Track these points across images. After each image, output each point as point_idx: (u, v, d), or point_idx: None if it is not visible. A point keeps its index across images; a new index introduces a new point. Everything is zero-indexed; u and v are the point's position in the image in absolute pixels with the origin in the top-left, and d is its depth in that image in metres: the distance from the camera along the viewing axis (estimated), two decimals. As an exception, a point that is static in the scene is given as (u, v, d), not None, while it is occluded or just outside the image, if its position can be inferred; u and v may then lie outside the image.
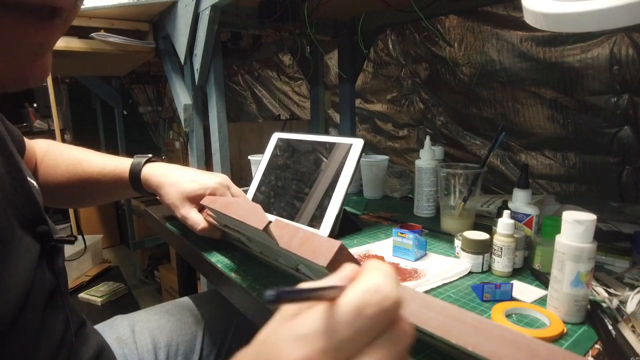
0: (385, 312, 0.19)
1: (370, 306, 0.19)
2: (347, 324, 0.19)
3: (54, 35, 0.30)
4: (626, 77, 0.94)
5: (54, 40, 0.31)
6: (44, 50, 0.31)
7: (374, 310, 0.19)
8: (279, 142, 0.88)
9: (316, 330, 0.19)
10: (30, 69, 0.31)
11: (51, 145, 0.72)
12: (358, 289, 0.20)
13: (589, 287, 0.46)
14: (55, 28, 0.29)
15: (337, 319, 0.19)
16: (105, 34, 1.11)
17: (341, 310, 0.19)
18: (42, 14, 0.28)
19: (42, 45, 0.30)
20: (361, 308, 0.19)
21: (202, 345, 0.72)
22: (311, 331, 0.19)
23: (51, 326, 0.43)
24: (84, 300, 2.11)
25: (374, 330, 0.19)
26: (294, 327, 0.20)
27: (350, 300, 0.19)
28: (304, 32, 1.14)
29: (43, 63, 0.31)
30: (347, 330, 0.19)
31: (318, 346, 0.18)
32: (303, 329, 0.19)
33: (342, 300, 0.19)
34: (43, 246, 0.43)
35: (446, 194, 0.77)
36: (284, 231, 0.48)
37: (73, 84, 2.64)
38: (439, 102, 1.43)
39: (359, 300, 0.19)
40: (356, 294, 0.19)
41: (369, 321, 0.19)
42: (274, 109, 2.39)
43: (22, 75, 0.31)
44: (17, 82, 0.31)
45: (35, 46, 0.30)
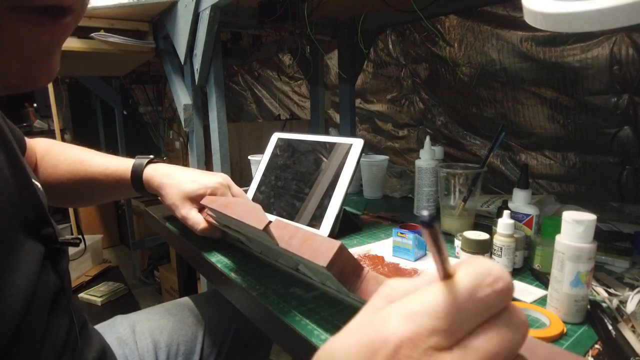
0: (498, 294, 0.19)
1: (483, 287, 0.18)
2: (460, 305, 0.18)
3: (64, 32, 0.30)
4: (626, 77, 0.94)
5: (64, 37, 0.31)
6: (54, 49, 0.31)
7: (487, 292, 0.18)
8: (279, 142, 0.88)
9: (428, 309, 0.18)
10: (41, 68, 0.31)
11: (52, 144, 0.72)
12: (470, 270, 0.19)
13: (589, 287, 0.46)
14: (65, 26, 0.29)
15: (450, 299, 0.18)
16: (105, 34, 1.11)
17: (454, 290, 0.18)
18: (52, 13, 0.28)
19: (52, 43, 0.30)
20: (475, 288, 0.18)
21: (202, 346, 0.72)
22: (422, 309, 0.18)
23: (56, 327, 0.43)
24: (84, 300, 2.11)
25: (486, 313, 0.19)
26: (404, 303, 0.19)
27: (462, 280, 0.19)
28: (304, 32, 1.14)
29: (53, 62, 0.31)
30: (460, 311, 0.18)
31: (429, 324, 0.18)
32: (413, 307, 0.19)
33: (454, 280, 0.19)
34: (47, 248, 0.43)
35: (446, 194, 0.77)
36: (284, 231, 0.48)
37: (73, 84, 2.64)
38: (439, 102, 1.43)
39: (472, 281, 0.18)
40: (469, 276, 0.19)
41: (482, 303, 0.18)
42: (274, 109, 2.39)
43: (34, 75, 0.31)
44: (29, 82, 0.31)
45: (46, 45, 0.29)
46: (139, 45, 1.19)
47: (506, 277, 0.19)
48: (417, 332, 0.18)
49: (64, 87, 2.57)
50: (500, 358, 0.18)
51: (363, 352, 0.18)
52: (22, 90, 0.31)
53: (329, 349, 0.20)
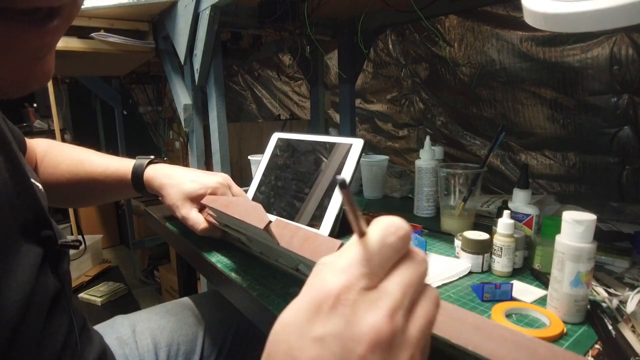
0: (402, 239, 0.24)
1: (389, 235, 0.24)
2: (375, 251, 0.23)
3: (54, 36, 0.29)
4: (626, 77, 0.94)
5: (55, 41, 0.30)
6: (45, 53, 0.30)
7: (392, 239, 0.24)
8: (279, 142, 0.88)
9: (353, 261, 0.23)
10: (32, 73, 0.30)
11: (52, 144, 0.72)
12: (378, 225, 0.24)
13: (589, 287, 0.46)
14: (55, 29, 0.28)
15: (367, 250, 0.23)
16: (105, 34, 1.11)
17: (369, 243, 0.24)
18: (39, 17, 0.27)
19: (42, 48, 0.29)
20: (383, 238, 0.24)
21: (202, 346, 0.72)
22: (349, 263, 0.23)
23: (55, 329, 0.43)
24: (84, 300, 2.11)
25: (396, 255, 0.24)
26: (334, 263, 0.24)
27: (373, 234, 0.24)
28: (304, 32, 1.14)
29: (45, 66, 0.31)
30: (377, 256, 0.23)
31: (357, 271, 0.23)
32: (342, 263, 0.23)
33: (368, 235, 0.24)
34: (47, 250, 0.43)
35: (446, 194, 0.77)
36: (285, 230, 0.48)
37: (73, 84, 2.65)
38: (439, 102, 1.43)
39: (380, 233, 0.24)
40: (377, 230, 0.24)
41: (391, 247, 0.24)
42: (274, 109, 2.39)
43: (24, 81, 0.30)
44: (19, 88, 0.30)
45: (35, 50, 0.29)
46: (139, 45, 1.19)
47: (405, 225, 0.25)
48: (349, 279, 0.23)
49: (64, 87, 2.57)
50: (412, 285, 0.24)
51: (311, 308, 0.22)
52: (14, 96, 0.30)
53: (281, 318, 0.24)
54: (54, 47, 0.31)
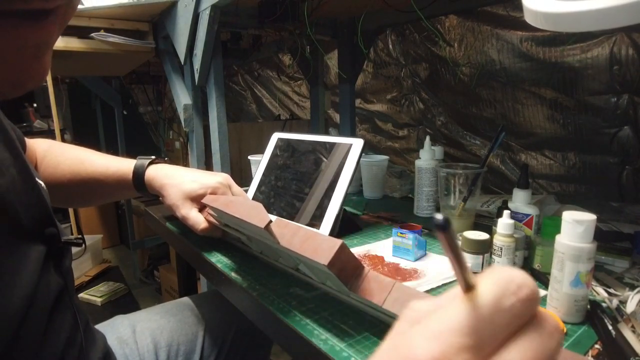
0: (524, 302, 0.18)
1: (508, 296, 0.18)
2: (485, 317, 0.17)
3: (51, 35, 0.29)
4: (626, 77, 0.94)
5: (51, 39, 0.30)
6: (42, 52, 0.29)
7: (512, 301, 0.17)
8: (279, 142, 0.88)
9: (453, 326, 0.17)
10: (28, 73, 0.30)
11: (52, 145, 0.72)
12: (492, 280, 0.18)
13: (588, 287, 0.46)
14: (51, 27, 0.28)
15: (474, 313, 0.17)
16: (105, 34, 1.11)
17: (477, 303, 0.17)
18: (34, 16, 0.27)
19: (39, 47, 0.29)
20: (499, 299, 0.17)
21: (202, 346, 0.72)
22: (448, 327, 0.17)
23: (58, 326, 0.43)
24: (84, 300, 2.11)
25: (515, 323, 0.18)
26: (428, 324, 0.18)
27: (485, 291, 0.18)
28: (304, 32, 1.14)
29: (41, 65, 0.30)
30: (486, 325, 0.17)
31: (456, 342, 0.17)
32: (439, 326, 0.18)
33: (477, 292, 0.18)
34: (50, 248, 0.43)
35: (446, 194, 0.77)
36: (285, 230, 0.48)
37: (73, 84, 2.64)
38: (439, 102, 1.43)
39: (495, 291, 0.18)
40: (492, 285, 0.18)
41: (509, 313, 0.17)
42: (274, 109, 2.39)
43: (20, 81, 0.30)
44: (15, 88, 0.30)
45: (31, 48, 0.28)
46: (139, 45, 1.19)
47: (530, 283, 0.18)
48: (445, 351, 0.17)
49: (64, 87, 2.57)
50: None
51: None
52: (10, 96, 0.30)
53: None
54: (50, 47, 0.30)
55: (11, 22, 0.26)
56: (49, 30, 0.28)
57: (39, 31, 0.28)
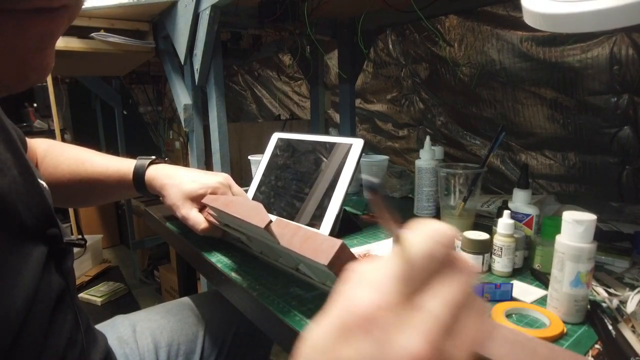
0: (447, 248, 0.20)
1: (434, 245, 0.20)
2: (417, 265, 0.20)
3: (57, 27, 0.29)
4: (626, 77, 0.94)
5: (56, 31, 0.29)
6: (44, 44, 0.29)
7: (437, 249, 0.20)
8: (279, 142, 0.88)
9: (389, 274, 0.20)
10: (32, 65, 0.29)
11: (52, 144, 0.72)
12: (419, 232, 0.21)
13: (589, 287, 0.46)
14: (58, 18, 0.28)
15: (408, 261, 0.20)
16: (105, 34, 1.11)
17: (410, 253, 0.20)
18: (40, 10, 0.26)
19: (43, 38, 0.29)
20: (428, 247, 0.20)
21: (203, 346, 0.72)
22: (385, 275, 0.20)
23: (60, 326, 0.43)
24: (84, 300, 2.11)
25: (439, 267, 0.20)
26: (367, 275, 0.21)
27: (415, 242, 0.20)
28: (304, 32, 1.14)
29: (45, 59, 0.30)
30: (418, 270, 0.20)
31: (393, 288, 0.19)
32: (377, 275, 0.20)
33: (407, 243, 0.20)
34: (52, 248, 0.43)
35: (446, 194, 0.77)
36: (285, 230, 0.48)
37: (73, 84, 2.64)
38: (439, 102, 1.43)
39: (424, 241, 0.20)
40: (419, 236, 0.20)
41: (435, 260, 0.20)
42: (274, 109, 2.39)
43: (24, 73, 0.29)
44: (19, 81, 0.30)
45: (36, 39, 0.28)
46: (139, 45, 1.19)
47: (450, 232, 0.21)
48: (384, 296, 0.19)
49: (64, 87, 2.57)
50: (458, 301, 0.20)
51: (339, 329, 0.20)
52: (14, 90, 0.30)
53: (308, 338, 0.21)
54: (54, 39, 0.30)
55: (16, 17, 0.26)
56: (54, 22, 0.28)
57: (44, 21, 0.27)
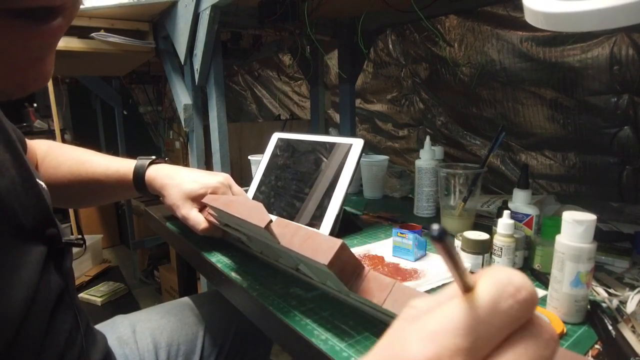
0: (522, 304, 0.17)
1: (505, 298, 0.17)
2: (482, 319, 0.17)
3: (55, 36, 0.29)
4: (626, 77, 0.94)
5: (55, 41, 0.30)
6: (44, 54, 0.29)
7: (509, 303, 0.17)
8: (279, 142, 0.88)
9: (449, 327, 0.17)
10: (32, 74, 0.30)
11: (52, 145, 0.72)
12: (490, 281, 0.18)
13: (589, 287, 0.46)
14: (56, 28, 0.28)
15: (471, 314, 0.17)
16: (105, 34, 1.11)
17: (474, 304, 0.17)
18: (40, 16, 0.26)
19: (42, 48, 0.29)
20: (496, 300, 0.17)
21: (202, 346, 0.72)
22: (443, 328, 0.17)
23: (60, 326, 0.43)
24: (84, 300, 2.11)
25: (511, 326, 0.17)
26: (424, 323, 0.18)
27: (483, 292, 0.17)
28: (304, 32, 1.14)
29: (45, 67, 0.30)
30: (483, 326, 0.17)
31: (451, 343, 0.17)
32: (434, 326, 0.18)
33: (474, 293, 0.18)
34: (51, 249, 0.43)
35: (446, 194, 0.77)
36: (285, 230, 0.48)
37: (73, 84, 2.64)
38: (439, 102, 1.43)
39: (493, 293, 0.17)
40: (489, 287, 0.18)
41: (506, 315, 0.17)
42: (274, 109, 2.39)
43: (24, 82, 0.30)
44: (19, 89, 0.30)
45: (36, 50, 0.28)
46: (139, 45, 1.19)
47: (528, 285, 0.18)
48: (439, 353, 0.17)
49: (64, 87, 2.57)
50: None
51: None
52: (13, 97, 0.30)
53: None
54: (54, 48, 0.30)
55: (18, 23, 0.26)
56: (53, 32, 0.28)
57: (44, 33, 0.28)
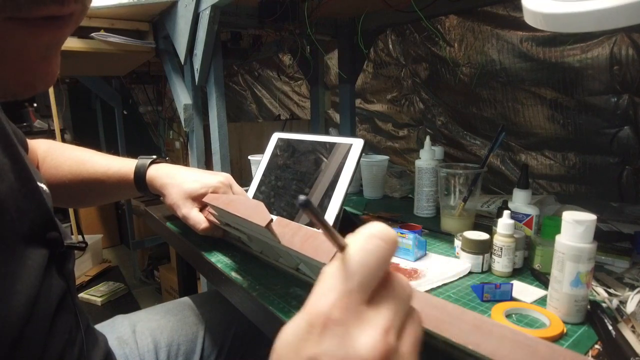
0: (385, 241, 0.23)
1: (370, 240, 0.23)
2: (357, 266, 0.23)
3: (62, 35, 0.29)
4: (626, 77, 0.94)
5: (63, 39, 0.30)
6: (52, 53, 0.29)
7: (375, 242, 0.23)
8: (279, 142, 0.88)
9: (336, 277, 0.23)
10: (39, 73, 0.30)
11: (52, 145, 0.72)
12: (357, 235, 0.24)
13: (589, 287, 0.46)
14: (64, 28, 0.28)
15: (349, 264, 0.23)
16: (105, 34, 1.11)
17: (350, 256, 0.23)
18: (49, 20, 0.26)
19: (49, 47, 0.29)
20: (364, 245, 0.23)
21: (203, 346, 0.72)
22: (334, 279, 0.23)
23: (61, 327, 0.43)
24: (84, 300, 2.11)
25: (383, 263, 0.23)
26: (318, 287, 0.23)
27: (352, 244, 0.23)
28: (304, 32, 1.14)
29: (51, 67, 0.30)
30: (360, 270, 0.23)
31: (343, 289, 0.22)
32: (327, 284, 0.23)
33: (348, 247, 0.23)
34: (53, 252, 0.43)
35: (446, 194, 0.77)
36: (286, 229, 0.48)
37: (73, 84, 2.64)
38: (439, 102, 1.43)
39: (360, 240, 0.23)
40: (357, 238, 0.24)
41: (375, 254, 0.23)
42: (274, 109, 2.39)
43: (31, 81, 0.30)
44: (26, 89, 0.30)
45: (44, 48, 0.28)
46: (139, 45, 1.19)
47: (386, 227, 0.24)
48: (337, 297, 0.22)
49: (64, 87, 2.57)
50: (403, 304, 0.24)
51: (305, 326, 0.22)
52: (20, 97, 0.30)
53: (281, 333, 0.23)
54: (60, 47, 0.30)
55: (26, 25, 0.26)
56: (61, 31, 0.28)
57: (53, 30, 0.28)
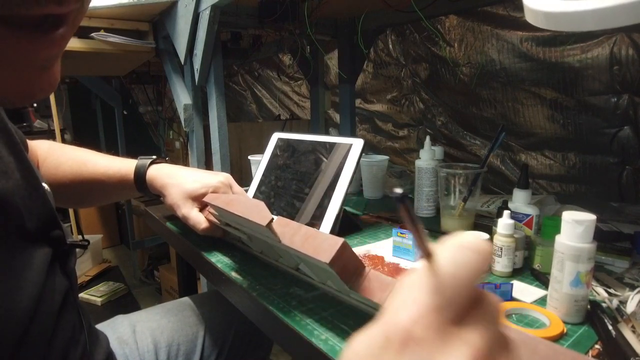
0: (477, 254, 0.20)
1: (463, 252, 0.20)
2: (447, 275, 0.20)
3: (61, 45, 0.29)
4: (626, 77, 0.94)
5: (62, 49, 0.30)
6: (51, 64, 0.29)
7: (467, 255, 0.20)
8: (279, 142, 0.88)
9: (421, 289, 0.20)
10: (38, 84, 0.30)
11: (52, 146, 0.72)
12: (446, 245, 0.20)
13: (589, 287, 0.46)
14: (62, 38, 0.28)
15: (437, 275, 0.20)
16: (105, 34, 1.11)
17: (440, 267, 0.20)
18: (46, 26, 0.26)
19: (49, 58, 0.29)
20: (455, 256, 0.20)
21: (203, 346, 0.72)
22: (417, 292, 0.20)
23: (65, 325, 0.44)
24: (84, 300, 2.11)
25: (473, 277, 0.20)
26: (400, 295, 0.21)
27: (442, 254, 0.20)
28: (304, 32, 1.14)
29: (51, 77, 0.30)
30: (450, 280, 0.19)
31: (427, 302, 0.19)
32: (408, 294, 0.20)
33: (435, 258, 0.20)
34: (56, 250, 0.43)
35: (446, 194, 0.77)
36: (286, 228, 0.48)
37: (73, 84, 2.64)
38: (439, 102, 1.43)
39: (450, 251, 0.20)
40: (446, 248, 0.20)
41: (466, 267, 0.20)
42: (274, 109, 2.39)
43: (30, 92, 0.30)
44: (25, 98, 0.30)
45: (42, 60, 0.28)
46: (139, 45, 1.19)
47: (480, 239, 0.20)
48: (420, 311, 0.19)
49: (64, 87, 2.57)
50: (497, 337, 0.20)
51: (381, 340, 0.20)
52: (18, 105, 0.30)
53: (353, 344, 0.21)
54: (59, 57, 0.30)
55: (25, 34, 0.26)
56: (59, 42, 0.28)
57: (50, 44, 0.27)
